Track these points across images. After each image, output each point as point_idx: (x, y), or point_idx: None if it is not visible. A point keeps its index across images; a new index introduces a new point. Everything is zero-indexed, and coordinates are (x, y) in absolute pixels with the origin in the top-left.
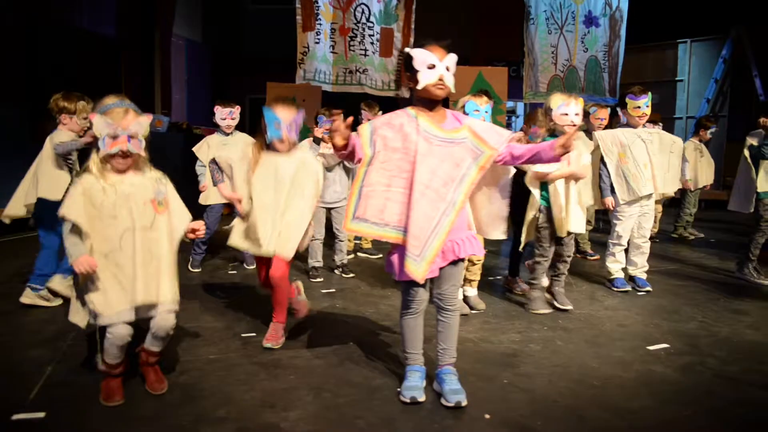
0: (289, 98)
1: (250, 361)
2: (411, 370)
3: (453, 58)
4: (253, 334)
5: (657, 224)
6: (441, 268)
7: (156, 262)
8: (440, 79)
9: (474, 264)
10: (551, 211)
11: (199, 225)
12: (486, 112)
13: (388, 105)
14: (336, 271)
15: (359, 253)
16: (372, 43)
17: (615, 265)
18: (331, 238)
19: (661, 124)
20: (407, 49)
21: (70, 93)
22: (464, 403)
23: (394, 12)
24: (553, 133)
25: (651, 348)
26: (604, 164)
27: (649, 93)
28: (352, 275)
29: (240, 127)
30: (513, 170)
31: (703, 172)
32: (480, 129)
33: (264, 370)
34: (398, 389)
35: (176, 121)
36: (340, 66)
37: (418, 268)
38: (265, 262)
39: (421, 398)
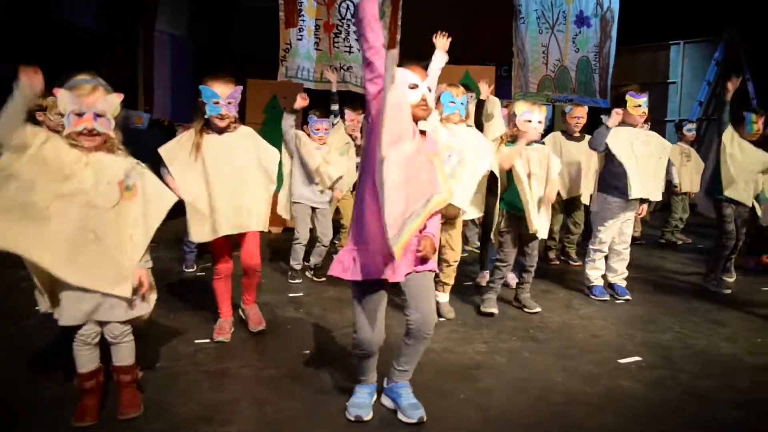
0: (228, 74)
1: (197, 370)
2: (360, 387)
3: (433, 79)
4: (207, 341)
5: (641, 226)
6: (408, 275)
7: (107, 249)
8: (423, 100)
9: (449, 265)
10: (513, 215)
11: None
12: (462, 103)
13: None
14: (307, 273)
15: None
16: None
17: (594, 272)
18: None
19: (648, 124)
20: None
21: None
22: (425, 417)
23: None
24: (515, 139)
25: (622, 361)
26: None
27: (647, 93)
28: (323, 279)
29: None
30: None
31: (689, 177)
32: (443, 170)
33: (209, 380)
34: (346, 404)
35: (158, 117)
36: (324, 63)
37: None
38: (224, 251)
39: (367, 417)
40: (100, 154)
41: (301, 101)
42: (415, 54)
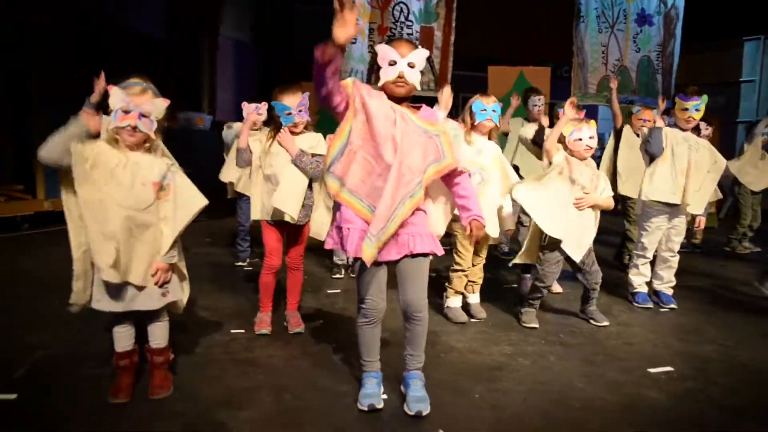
0: (293, 85)
1: (227, 358)
2: (368, 376)
3: (420, 53)
4: (242, 331)
5: (702, 233)
6: (397, 262)
7: (142, 246)
8: (400, 76)
9: (474, 265)
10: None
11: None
12: (494, 110)
13: (432, 104)
14: (350, 270)
15: None
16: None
17: (638, 278)
18: None
19: (711, 128)
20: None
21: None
22: (425, 412)
23: (434, 10)
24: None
25: (652, 370)
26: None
27: (704, 96)
28: (340, 276)
29: None
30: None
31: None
32: (452, 136)
33: (236, 367)
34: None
35: (220, 119)
36: None
37: (370, 248)
38: (275, 248)
39: (379, 405)
40: (138, 154)
41: None
42: (470, 55)
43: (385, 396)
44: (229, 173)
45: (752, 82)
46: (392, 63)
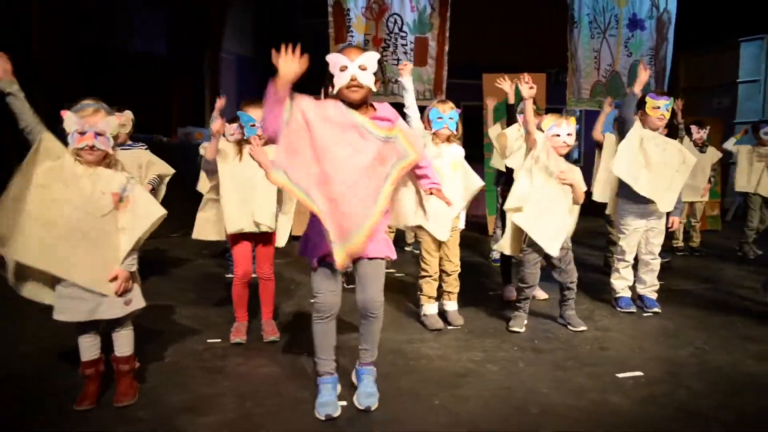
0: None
1: (198, 366)
2: (323, 382)
3: (370, 56)
4: (219, 340)
5: (699, 236)
6: (355, 262)
7: (98, 251)
8: (352, 79)
9: (449, 275)
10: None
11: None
12: (450, 118)
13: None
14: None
15: None
16: (405, 53)
17: (620, 283)
18: None
19: (707, 128)
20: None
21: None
22: (374, 407)
23: (428, 21)
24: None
25: (621, 375)
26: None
27: (672, 98)
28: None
29: None
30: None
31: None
32: (409, 132)
33: (206, 375)
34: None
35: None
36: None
37: (339, 254)
38: (244, 258)
39: (336, 413)
40: (100, 168)
41: None
42: (466, 63)
43: (344, 402)
44: (205, 184)
45: (756, 82)
46: (343, 68)
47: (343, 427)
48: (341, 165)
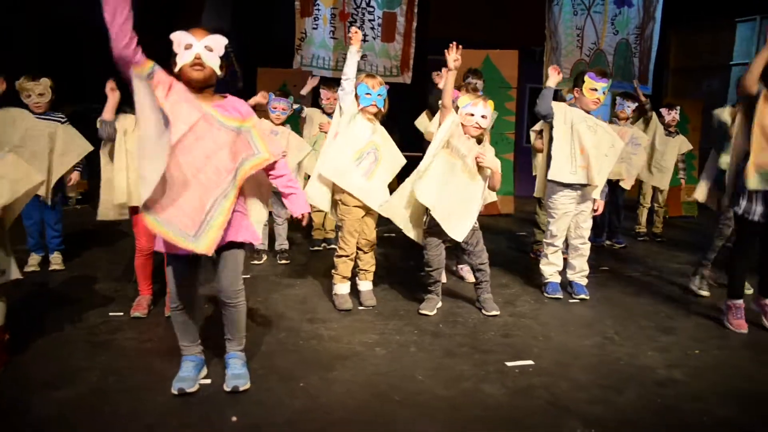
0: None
1: (87, 340)
2: (185, 360)
3: (217, 38)
4: (121, 314)
5: (661, 221)
6: (219, 249)
7: None
8: (197, 58)
9: (366, 252)
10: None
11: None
12: (379, 95)
13: (394, 91)
14: (277, 257)
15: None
16: (372, 29)
17: (548, 268)
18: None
19: (677, 108)
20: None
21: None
22: (242, 387)
23: None
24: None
25: (509, 364)
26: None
27: (610, 81)
28: (285, 262)
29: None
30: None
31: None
32: (264, 133)
33: (88, 349)
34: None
35: None
36: (340, 52)
37: (198, 244)
38: (145, 230)
39: (191, 389)
40: None
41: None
42: (440, 39)
43: (208, 381)
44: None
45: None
46: (188, 46)
47: (194, 403)
48: (188, 150)
